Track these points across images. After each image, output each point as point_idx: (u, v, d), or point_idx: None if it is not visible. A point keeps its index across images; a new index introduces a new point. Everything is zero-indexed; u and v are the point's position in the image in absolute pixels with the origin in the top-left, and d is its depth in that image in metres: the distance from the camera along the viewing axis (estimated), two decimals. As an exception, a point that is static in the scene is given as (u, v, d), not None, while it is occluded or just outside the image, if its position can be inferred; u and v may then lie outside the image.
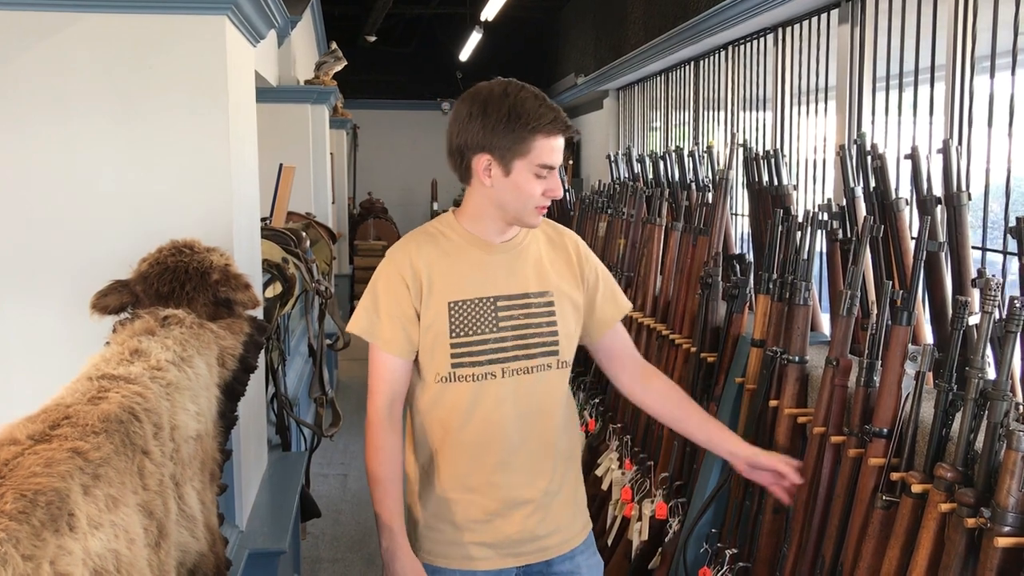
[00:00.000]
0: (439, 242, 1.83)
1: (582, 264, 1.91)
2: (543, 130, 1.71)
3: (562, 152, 1.78)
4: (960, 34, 3.30)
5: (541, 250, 1.87)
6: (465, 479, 1.81)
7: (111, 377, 1.49)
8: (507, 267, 1.82)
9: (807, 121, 4.83)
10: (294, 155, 6.01)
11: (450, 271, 1.79)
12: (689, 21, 5.76)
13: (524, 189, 1.75)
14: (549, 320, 1.83)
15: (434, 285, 1.78)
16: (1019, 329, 1.47)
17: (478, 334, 1.78)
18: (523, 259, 1.84)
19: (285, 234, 3.90)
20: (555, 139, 1.73)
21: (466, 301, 1.78)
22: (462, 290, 1.78)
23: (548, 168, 1.74)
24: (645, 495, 2.90)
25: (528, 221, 1.80)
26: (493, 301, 1.79)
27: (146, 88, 2.31)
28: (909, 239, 2.27)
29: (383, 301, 1.80)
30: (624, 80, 8.32)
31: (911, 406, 1.71)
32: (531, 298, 1.82)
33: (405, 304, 1.78)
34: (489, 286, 1.80)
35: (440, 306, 1.77)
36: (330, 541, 4.12)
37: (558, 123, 1.73)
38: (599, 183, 5.18)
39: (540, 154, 1.73)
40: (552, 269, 1.86)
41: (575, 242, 1.93)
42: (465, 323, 1.77)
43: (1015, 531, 1.36)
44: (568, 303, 1.86)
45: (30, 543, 1.04)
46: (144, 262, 1.94)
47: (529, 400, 1.81)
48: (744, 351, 2.50)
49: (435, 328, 1.77)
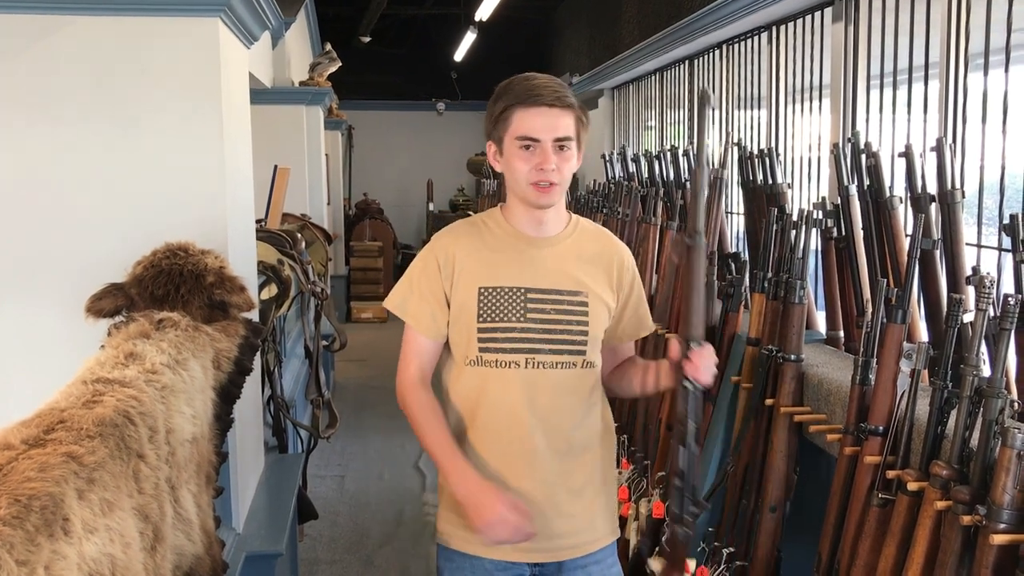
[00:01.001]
0: (480, 232, 1.89)
1: (622, 274, 1.92)
2: (519, 103, 1.76)
3: (557, 126, 1.76)
4: (954, 32, 3.30)
5: (583, 251, 1.88)
6: (483, 467, 1.83)
7: (106, 381, 1.49)
8: (543, 262, 1.85)
9: (801, 119, 4.83)
10: (289, 156, 6.00)
11: (486, 259, 1.84)
12: (683, 20, 5.76)
13: (512, 165, 1.79)
14: (580, 319, 1.84)
15: (467, 270, 1.84)
16: (1013, 326, 1.47)
17: (504, 321, 1.81)
18: (562, 257, 1.86)
19: (280, 236, 3.89)
20: (533, 110, 1.75)
21: (496, 288, 1.82)
22: (494, 278, 1.83)
23: (530, 140, 1.76)
24: (642, 494, 2.90)
25: (530, 200, 1.81)
26: (523, 292, 1.82)
27: (139, 90, 2.31)
28: (903, 237, 2.27)
29: (416, 281, 1.88)
30: (619, 79, 8.32)
31: (906, 404, 1.71)
32: (563, 295, 1.83)
33: (436, 287, 1.85)
34: (521, 277, 1.83)
35: (471, 290, 1.83)
36: (327, 543, 4.11)
37: (533, 94, 1.75)
38: (594, 182, 5.18)
39: (518, 126, 1.76)
40: (590, 271, 1.87)
41: (621, 254, 1.94)
42: (493, 310, 1.82)
43: (1010, 528, 1.36)
44: (602, 306, 1.87)
45: (24, 548, 1.04)
46: (139, 265, 1.94)
47: (548, 395, 1.83)
48: (740, 350, 2.50)
49: (465, 312, 1.83)
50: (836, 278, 2.50)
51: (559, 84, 1.81)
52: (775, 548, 2.20)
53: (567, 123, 1.78)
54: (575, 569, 1.88)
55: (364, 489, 4.82)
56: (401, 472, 5.08)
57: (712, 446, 2.54)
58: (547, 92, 1.76)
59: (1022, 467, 1.36)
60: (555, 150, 1.77)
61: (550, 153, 1.76)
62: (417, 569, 3.77)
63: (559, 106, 1.76)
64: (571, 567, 1.88)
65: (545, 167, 1.76)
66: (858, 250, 2.40)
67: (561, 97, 1.77)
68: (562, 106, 1.77)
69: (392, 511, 4.48)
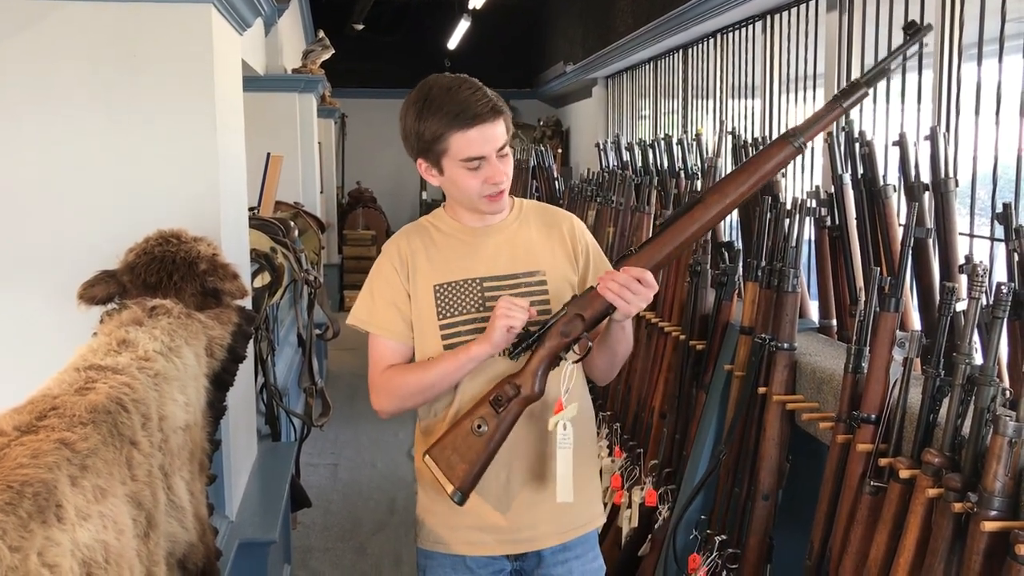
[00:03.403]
0: (428, 232, 1.86)
1: (575, 243, 1.88)
2: (455, 127, 1.69)
3: (496, 136, 1.71)
4: (948, 22, 3.30)
5: (532, 232, 1.86)
6: None
7: (99, 368, 1.48)
8: (494, 249, 1.83)
9: (795, 109, 4.83)
10: (282, 144, 5.98)
11: (437, 257, 1.82)
12: (677, 9, 5.74)
13: (461, 185, 1.75)
14: (541, 299, 1.81)
15: (420, 271, 1.81)
16: (1006, 315, 1.47)
17: (464, 314, 1.79)
18: (512, 241, 1.84)
19: (273, 223, 3.89)
20: (472, 131, 1.69)
21: (451, 283, 1.80)
22: (447, 273, 1.81)
23: (477, 159, 1.71)
24: (635, 482, 2.91)
25: (484, 210, 1.79)
26: (479, 282, 1.81)
27: (132, 76, 2.29)
28: (897, 226, 2.27)
29: (377, 290, 1.84)
30: (613, 68, 8.30)
31: (899, 392, 1.72)
32: (520, 278, 1.81)
33: (397, 288, 1.82)
34: (475, 268, 1.81)
35: (426, 290, 1.81)
36: (320, 531, 4.12)
37: (467, 114, 1.67)
38: (588, 171, 5.17)
39: (460, 150, 1.70)
40: (545, 249, 1.85)
41: (571, 222, 1.91)
42: (451, 304, 1.80)
43: (1001, 515, 1.37)
44: (563, 282, 1.84)
45: (17, 534, 1.04)
46: (131, 252, 1.93)
47: None
48: (733, 338, 2.51)
49: (424, 312, 1.80)
50: (829, 267, 2.50)
51: (480, 89, 1.72)
52: (767, 536, 2.20)
53: (502, 129, 1.73)
54: (555, 564, 1.86)
55: (357, 477, 4.83)
56: (394, 460, 5.09)
57: (705, 434, 2.54)
58: (479, 107, 1.68)
59: (1013, 455, 1.37)
60: (499, 159, 1.74)
61: (498, 165, 1.73)
62: (410, 557, 3.78)
63: (492, 117, 1.70)
64: (551, 562, 1.86)
65: (498, 181, 1.73)
66: (851, 239, 2.40)
67: (492, 106, 1.71)
68: (495, 115, 1.71)
69: (385, 499, 4.49)
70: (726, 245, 2.84)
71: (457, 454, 1.70)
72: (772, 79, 5.09)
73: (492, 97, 1.73)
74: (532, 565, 1.87)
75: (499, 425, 1.70)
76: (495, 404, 1.70)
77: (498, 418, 1.70)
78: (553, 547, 1.86)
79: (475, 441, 1.69)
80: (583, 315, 1.70)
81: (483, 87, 1.75)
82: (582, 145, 9.94)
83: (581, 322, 1.70)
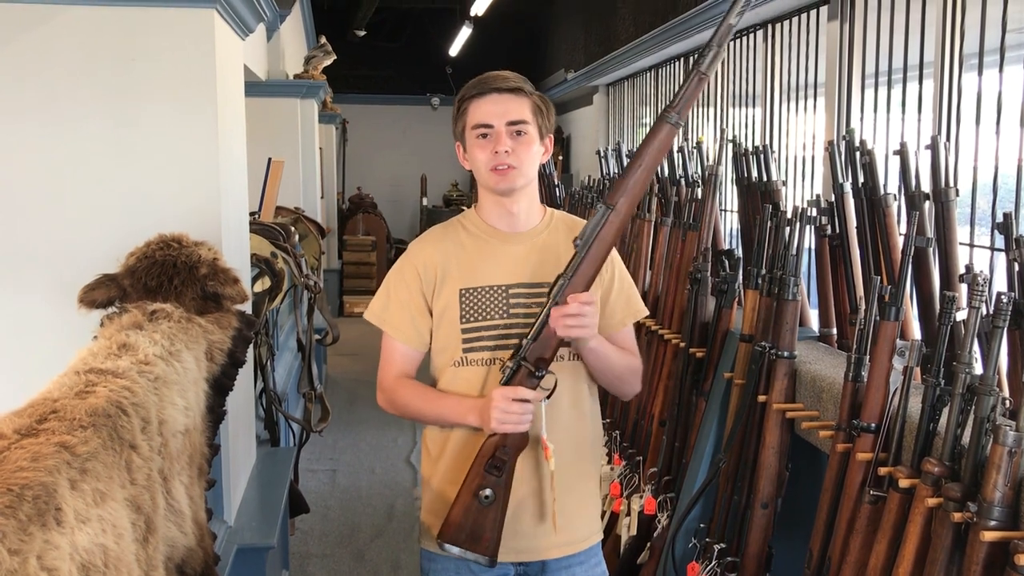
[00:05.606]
0: (457, 234, 1.89)
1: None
2: (469, 97, 1.81)
3: (508, 110, 1.78)
4: (948, 31, 3.31)
5: (560, 243, 1.87)
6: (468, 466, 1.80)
7: (99, 371, 1.48)
8: (522, 257, 1.85)
9: (796, 117, 4.84)
10: (283, 149, 5.99)
11: (465, 261, 1.85)
12: (678, 17, 5.76)
13: (473, 156, 1.83)
14: None
15: (448, 274, 1.84)
16: (1006, 324, 1.48)
17: (487, 319, 1.81)
18: (540, 250, 1.86)
19: (274, 228, 3.89)
20: (484, 99, 1.79)
21: (477, 288, 1.83)
22: (474, 278, 1.83)
23: (484, 127, 1.79)
24: (634, 490, 2.91)
25: (491, 186, 1.83)
26: (505, 289, 1.83)
27: (133, 81, 2.30)
28: (897, 235, 2.28)
29: (395, 290, 1.88)
30: (613, 76, 8.32)
31: (899, 401, 1.72)
32: (544, 288, 1.81)
33: (415, 294, 1.85)
34: (502, 275, 1.83)
35: (452, 294, 1.83)
36: (319, 536, 4.11)
37: (483, 84, 1.80)
38: (588, 178, 5.18)
39: (472, 117, 1.80)
40: None
41: None
42: (475, 309, 1.82)
43: (1001, 525, 1.37)
44: None
45: (17, 538, 1.03)
46: (132, 256, 1.93)
47: None
48: (733, 346, 2.51)
49: (448, 315, 1.83)
50: (830, 275, 2.51)
51: (513, 74, 1.84)
52: (766, 544, 2.20)
53: (519, 107, 1.80)
54: (559, 570, 1.87)
55: (356, 483, 4.82)
56: (393, 466, 5.08)
57: (704, 442, 2.54)
58: (496, 80, 1.80)
59: (1013, 464, 1.37)
60: (511, 135, 1.78)
61: (504, 136, 1.78)
62: (408, 563, 3.77)
63: (508, 91, 1.79)
64: (555, 567, 1.87)
65: (499, 149, 1.78)
66: (852, 247, 2.41)
67: (511, 83, 1.80)
68: (512, 91, 1.80)
69: (383, 505, 4.48)
70: (726, 253, 2.84)
71: (476, 528, 1.74)
72: (773, 88, 5.11)
73: (516, 79, 1.82)
74: (536, 570, 1.87)
75: (503, 486, 1.75)
76: (493, 470, 1.74)
77: (500, 480, 1.74)
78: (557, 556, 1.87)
79: (487, 511, 1.74)
80: (544, 357, 1.74)
81: (519, 75, 1.84)
82: (583, 152, 9.95)
83: (544, 364, 1.74)
